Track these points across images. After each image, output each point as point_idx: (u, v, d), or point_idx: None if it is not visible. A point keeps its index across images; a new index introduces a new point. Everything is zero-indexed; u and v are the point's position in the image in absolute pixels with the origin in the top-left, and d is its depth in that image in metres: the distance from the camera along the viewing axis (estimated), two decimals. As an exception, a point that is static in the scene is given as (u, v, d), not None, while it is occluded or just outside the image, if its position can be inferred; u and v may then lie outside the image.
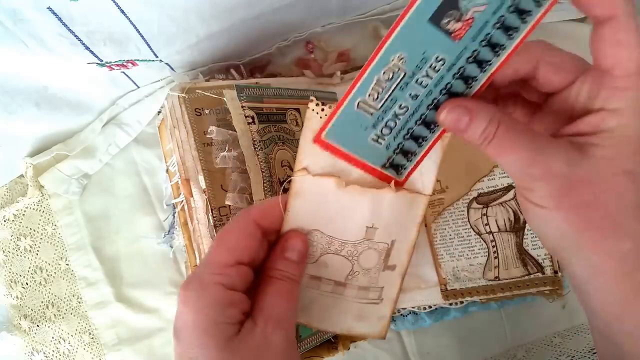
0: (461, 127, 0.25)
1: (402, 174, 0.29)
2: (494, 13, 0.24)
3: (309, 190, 0.28)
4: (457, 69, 0.26)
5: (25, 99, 0.40)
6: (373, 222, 0.29)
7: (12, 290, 0.45)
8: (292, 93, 0.44)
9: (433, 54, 0.25)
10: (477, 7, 0.24)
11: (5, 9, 0.31)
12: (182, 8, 0.36)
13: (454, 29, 0.25)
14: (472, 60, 0.25)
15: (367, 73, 0.25)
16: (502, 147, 0.24)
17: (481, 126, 0.24)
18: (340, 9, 0.46)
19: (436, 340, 0.46)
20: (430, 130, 0.28)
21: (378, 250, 0.30)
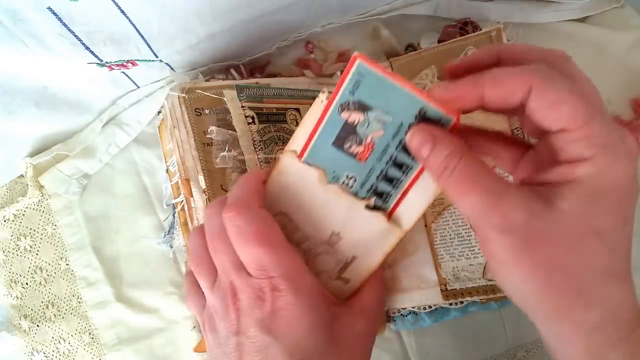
0: (423, 153, 0.24)
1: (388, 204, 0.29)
2: (394, 137, 0.26)
3: (291, 174, 0.28)
4: (369, 186, 0.28)
5: (25, 99, 0.40)
6: (340, 230, 0.29)
7: (12, 290, 0.45)
8: (292, 93, 0.44)
9: (343, 173, 0.28)
10: (375, 133, 0.26)
11: (5, 9, 0.31)
12: (182, 8, 0.36)
13: (358, 152, 0.27)
14: (382, 178, 0.27)
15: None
16: (461, 186, 0.22)
17: (442, 155, 0.23)
18: (340, 9, 0.46)
19: (436, 340, 0.46)
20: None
21: (336, 259, 0.30)
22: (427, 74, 0.44)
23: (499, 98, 0.23)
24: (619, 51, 0.46)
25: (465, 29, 0.45)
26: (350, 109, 0.25)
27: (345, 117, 0.26)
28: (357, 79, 0.25)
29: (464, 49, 0.43)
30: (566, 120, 0.21)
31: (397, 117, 0.25)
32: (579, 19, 0.47)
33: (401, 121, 0.25)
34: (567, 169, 0.21)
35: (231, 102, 0.40)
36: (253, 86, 0.42)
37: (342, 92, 0.25)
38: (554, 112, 0.21)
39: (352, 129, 0.26)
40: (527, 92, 0.22)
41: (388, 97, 0.25)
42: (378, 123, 0.26)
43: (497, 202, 0.21)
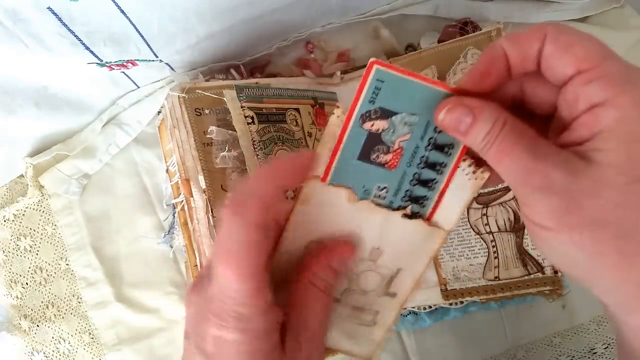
0: (462, 129, 0.22)
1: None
2: (422, 138, 0.25)
3: (317, 199, 0.26)
4: (403, 193, 0.26)
5: (25, 99, 0.40)
6: (380, 244, 0.28)
7: (12, 290, 0.45)
8: (292, 93, 0.44)
9: (374, 185, 0.26)
10: (402, 137, 0.25)
11: (5, 8, 0.31)
12: (182, 8, 0.36)
13: (386, 160, 0.25)
14: (416, 182, 0.26)
15: None
16: (502, 152, 0.21)
17: (485, 128, 0.21)
18: (340, 9, 0.46)
19: (436, 340, 0.46)
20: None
21: (381, 274, 0.29)
22: (427, 74, 0.44)
23: (519, 56, 0.22)
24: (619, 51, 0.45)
25: (465, 29, 0.45)
26: (373, 118, 0.24)
27: (368, 127, 0.24)
28: (376, 86, 0.23)
29: (464, 49, 0.43)
30: (580, 61, 0.20)
31: (423, 116, 0.24)
32: (579, 19, 0.47)
33: (427, 120, 0.24)
34: (591, 118, 0.20)
35: (231, 102, 0.40)
36: (253, 86, 0.42)
37: (362, 102, 0.24)
38: (567, 53, 0.21)
39: (377, 138, 0.25)
40: (542, 41, 0.21)
41: (411, 97, 0.24)
42: (404, 126, 0.24)
43: (537, 163, 0.20)
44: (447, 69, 0.43)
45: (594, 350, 0.45)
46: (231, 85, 0.41)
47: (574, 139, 0.21)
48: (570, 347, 0.45)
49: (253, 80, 0.44)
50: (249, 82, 0.43)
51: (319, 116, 0.46)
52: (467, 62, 0.43)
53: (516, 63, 0.22)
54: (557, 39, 0.21)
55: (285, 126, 0.43)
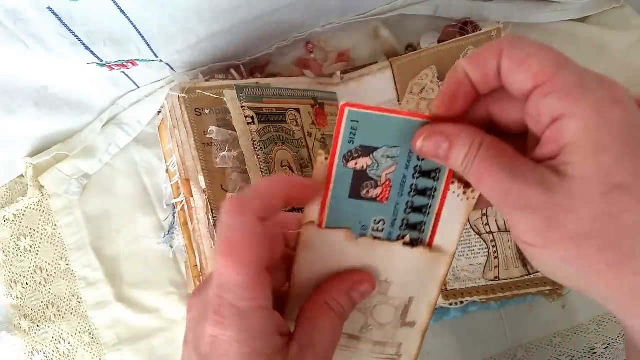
0: (441, 155, 0.23)
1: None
2: (407, 167, 0.25)
3: (317, 243, 0.26)
4: (400, 222, 0.27)
5: (25, 99, 0.40)
6: (386, 276, 0.28)
7: (12, 290, 0.45)
8: (292, 93, 0.44)
9: (370, 220, 0.26)
10: (387, 170, 0.25)
11: (5, 8, 0.31)
12: (182, 8, 0.36)
13: (377, 194, 0.26)
14: (410, 210, 0.26)
15: None
16: (481, 174, 0.21)
17: (463, 151, 0.22)
18: (340, 9, 0.46)
19: (436, 340, 0.46)
20: None
21: (394, 305, 0.29)
22: (427, 74, 0.44)
23: (481, 76, 0.22)
24: (619, 51, 0.46)
25: (465, 29, 0.45)
26: (355, 157, 0.25)
27: (353, 165, 0.25)
28: (352, 126, 0.24)
29: (464, 49, 0.43)
30: (535, 75, 0.20)
31: (404, 147, 0.25)
32: (579, 19, 0.47)
33: (409, 149, 0.25)
34: (555, 131, 0.20)
35: (231, 102, 0.40)
36: (253, 86, 0.42)
37: (342, 144, 0.24)
38: (522, 68, 0.20)
39: (364, 174, 0.25)
40: (499, 57, 0.21)
41: (388, 130, 0.24)
42: (388, 159, 0.25)
43: (515, 182, 0.20)
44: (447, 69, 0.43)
45: (594, 350, 0.45)
46: (231, 85, 0.41)
47: (545, 153, 0.21)
48: (570, 347, 0.45)
49: (253, 80, 0.44)
50: (249, 82, 0.43)
51: (319, 116, 0.46)
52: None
53: (479, 82, 0.22)
54: (512, 54, 0.21)
55: (285, 126, 0.43)
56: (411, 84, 0.45)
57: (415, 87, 0.45)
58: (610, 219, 0.19)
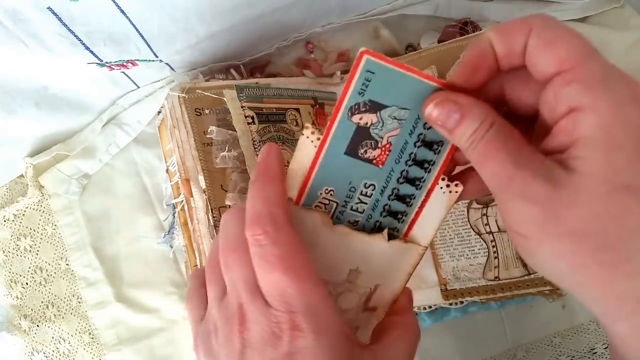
0: (449, 125, 0.22)
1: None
2: (411, 134, 0.24)
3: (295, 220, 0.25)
4: (390, 191, 0.26)
5: (25, 99, 0.40)
6: (358, 265, 0.27)
7: (12, 290, 0.45)
8: (292, 93, 0.44)
9: (360, 182, 0.25)
10: (391, 132, 0.24)
11: (5, 9, 0.31)
12: (182, 8, 0.36)
13: (374, 156, 0.25)
14: (403, 180, 0.25)
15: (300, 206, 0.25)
16: (485, 155, 0.21)
17: (472, 127, 0.21)
18: (340, 9, 0.46)
19: (436, 340, 0.46)
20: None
21: (359, 293, 0.28)
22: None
23: (506, 49, 0.21)
24: (619, 51, 0.46)
25: (465, 29, 0.45)
26: (362, 111, 0.23)
27: (357, 120, 0.23)
28: (366, 77, 0.22)
29: (464, 49, 0.43)
30: (561, 60, 0.20)
31: (413, 110, 0.23)
32: (579, 19, 0.47)
33: (417, 114, 0.23)
34: (570, 123, 0.19)
35: (231, 102, 0.40)
36: (253, 86, 0.42)
37: (351, 94, 0.23)
38: (549, 50, 0.20)
39: (365, 132, 0.24)
40: (528, 34, 0.20)
41: (402, 90, 0.23)
42: (394, 121, 0.24)
43: (519, 170, 0.20)
44: (447, 69, 0.43)
45: (594, 350, 0.45)
46: (231, 85, 0.41)
47: (555, 145, 0.21)
48: (570, 347, 0.45)
49: (253, 80, 0.44)
50: (249, 82, 0.43)
51: (319, 116, 0.46)
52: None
53: (503, 57, 0.22)
54: (542, 33, 0.20)
55: (285, 126, 0.43)
56: (411, 84, 0.45)
57: (415, 87, 0.45)
58: (611, 219, 0.19)
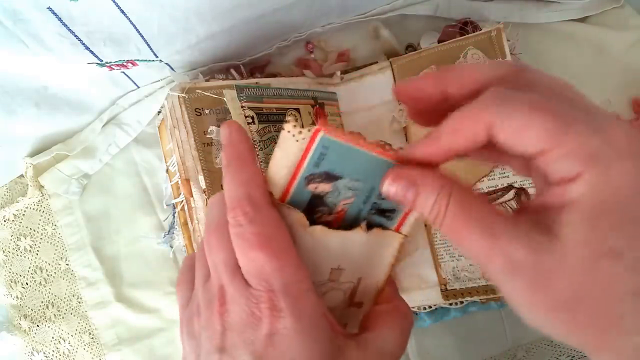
0: (408, 200, 0.22)
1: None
2: (364, 202, 0.25)
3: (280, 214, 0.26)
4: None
5: (25, 99, 0.40)
6: (339, 263, 0.27)
7: (12, 290, 0.45)
8: (292, 93, 0.44)
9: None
10: (345, 200, 0.25)
11: (5, 9, 0.31)
12: (182, 8, 0.36)
13: (329, 221, 0.26)
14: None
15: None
16: (456, 230, 0.20)
17: (430, 199, 0.21)
18: (340, 9, 0.46)
19: (436, 340, 0.46)
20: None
21: (343, 289, 0.29)
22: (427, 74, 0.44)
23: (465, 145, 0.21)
24: (619, 51, 0.46)
25: (465, 29, 0.45)
26: (317, 181, 0.24)
27: (312, 188, 0.24)
28: (321, 151, 0.23)
29: (464, 49, 0.43)
30: (540, 142, 0.19)
31: (368, 182, 0.24)
32: (579, 19, 0.47)
33: (372, 186, 0.25)
34: (560, 190, 0.19)
35: (231, 102, 0.40)
36: (253, 86, 0.42)
37: (307, 165, 0.24)
38: (523, 138, 0.19)
39: (320, 200, 0.25)
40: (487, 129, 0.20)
41: (355, 163, 0.24)
42: (348, 190, 0.25)
43: (496, 242, 0.19)
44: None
45: (594, 350, 0.45)
46: (231, 85, 0.41)
47: (541, 203, 0.20)
48: (571, 347, 0.45)
49: (253, 80, 0.44)
50: (249, 82, 0.43)
51: (319, 116, 0.46)
52: (467, 62, 0.43)
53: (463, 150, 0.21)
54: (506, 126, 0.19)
55: (285, 126, 0.43)
56: (411, 84, 0.45)
57: (415, 87, 0.45)
58: (600, 286, 0.19)
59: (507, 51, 0.42)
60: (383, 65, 0.46)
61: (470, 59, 0.43)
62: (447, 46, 0.44)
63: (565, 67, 0.46)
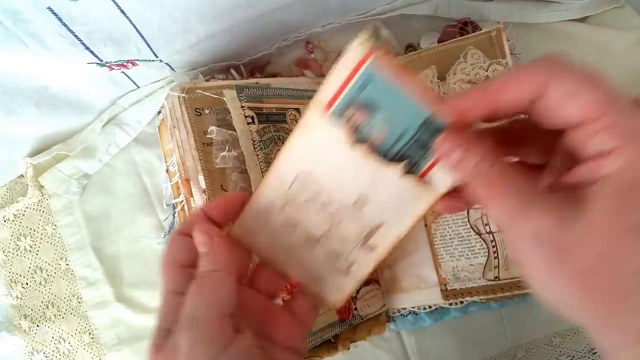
0: (454, 158, 0.23)
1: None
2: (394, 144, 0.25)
3: (319, 130, 0.26)
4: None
5: (25, 99, 0.40)
6: (367, 193, 0.27)
7: (12, 290, 0.45)
8: (292, 93, 0.44)
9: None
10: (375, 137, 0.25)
11: (5, 9, 0.31)
12: (182, 8, 0.36)
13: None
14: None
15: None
16: (490, 191, 0.22)
17: (473, 160, 0.22)
18: (340, 9, 0.46)
19: (436, 340, 0.46)
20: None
21: (362, 225, 0.29)
22: (427, 74, 0.44)
23: (511, 101, 0.22)
24: (619, 51, 0.46)
25: (465, 29, 0.45)
26: (355, 107, 0.24)
27: (350, 115, 0.25)
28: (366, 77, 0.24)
29: (464, 49, 0.43)
30: (586, 111, 0.20)
31: (402, 123, 0.24)
32: (579, 19, 0.47)
33: (405, 127, 0.25)
34: (594, 165, 0.20)
35: (231, 102, 0.40)
36: (253, 86, 0.42)
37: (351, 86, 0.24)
38: (571, 103, 0.20)
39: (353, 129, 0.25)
40: (537, 90, 0.21)
41: (397, 100, 0.24)
42: (382, 126, 0.25)
43: (527, 209, 0.20)
44: (447, 69, 0.43)
45: (594, 350, 0.45)
46: (231, 85, 0.41)
47: (573, 180, 0.21)
48: (570, 347, 0.45)
49: (253, 80, 0.44)
50: (249, 82, 0.43)
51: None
52: (467, 62, 0.43)
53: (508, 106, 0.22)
54: (559, 86, 0.20)
55: (285, 126, 0.43)
56: (411, 84, 0.45)
57: (415, 87, 0.45)
58: (618, 259, 0.19)
59: (507, 51, 0.42)
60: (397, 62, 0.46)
61: (470, 58, 0.43)
62: (447, 46, 0.44)
63: (565, 67, 0.46)
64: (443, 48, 0.44)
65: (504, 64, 0.42)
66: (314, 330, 0.41)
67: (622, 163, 0.19)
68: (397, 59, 0.24)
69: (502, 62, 0.42)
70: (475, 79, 0.42)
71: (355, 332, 0.45)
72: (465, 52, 0.43)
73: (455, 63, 0.43)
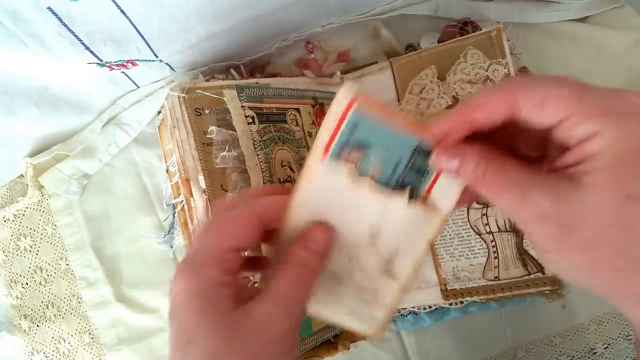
0: (453, 167, 0.25)
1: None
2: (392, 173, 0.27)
3: (321, 176, 0.28)
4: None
5: (25, 99, 0.40)
6: (379, 224, 0.29)
7: (12, 290, 0.45)
8: (292, 93, 0.44)
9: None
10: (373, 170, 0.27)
11: (5, 9, 0.31)
12: (182, 8, 0.36)
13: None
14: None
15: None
16: (493, 188, 0.23)
17: (470, 166, 0.24)
18: (340, 9, 0.46)
19: (436, 340, 0.46)
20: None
21: (379, 254, 0.30)
22: (427, 74, 0.44)
23: (488, 119, 0.23)
24: (619, 51, 0.46)
25: (465, 29, 0.45)
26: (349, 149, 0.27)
27: (345, 156, 0.27)
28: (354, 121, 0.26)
29: (464, 49, 0.43)
30: (560, 111, 0.22)
31: (396, 153, 0.27)
32: (579, 19, 0.47)
33: (400, 157, 0.27)
34: (582, 149, 0.21)
35: (231, 102, 0.40)
36: (253, 86, 0.42)
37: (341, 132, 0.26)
38: (544, 111, 0.22)
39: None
40: (510, 106, 0.23)
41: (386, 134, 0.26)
42: (377, 160, 0.27)
43: (526, 195, 0.22)
44: (447, 69, 0.43)
45: (594, 350, 0.45)
46: (231, 85, 0.41)
47: (565, 162, 0.22)
48: (570, 347, 0.45)
49: (253, 80, 0.44)
50: (249, 82, 0.43)
51: (319, 116, 0.46)
52: (467, 62, 0.43)
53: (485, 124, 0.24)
54: (530, 100, 0.22)
55: (285, 126, 0.43)
56: (411, 84, 0.45)
57: (415, 87, 0.45)
58: (620, 228, 0.20)
59: (507, 51, 0.42)
60: (383, 65, 0.46)
61: (470, 58, 0.43)
62: (447, 46, 0.44)
63: (565, 67, 0.46)
64: (443, 48, 0.44)
65: (504, 64, 0.42)
66: (314, 330, 0.41)
67: (605, 141, 0.21)
68: (377, 102, 0.26)
69: (502, 62, 0.42)
70: (475, 79, 0.42)
71: (355, 332, 0.45)
72: (465, 52, 0.43)
73: (455, 63, 0.43)
